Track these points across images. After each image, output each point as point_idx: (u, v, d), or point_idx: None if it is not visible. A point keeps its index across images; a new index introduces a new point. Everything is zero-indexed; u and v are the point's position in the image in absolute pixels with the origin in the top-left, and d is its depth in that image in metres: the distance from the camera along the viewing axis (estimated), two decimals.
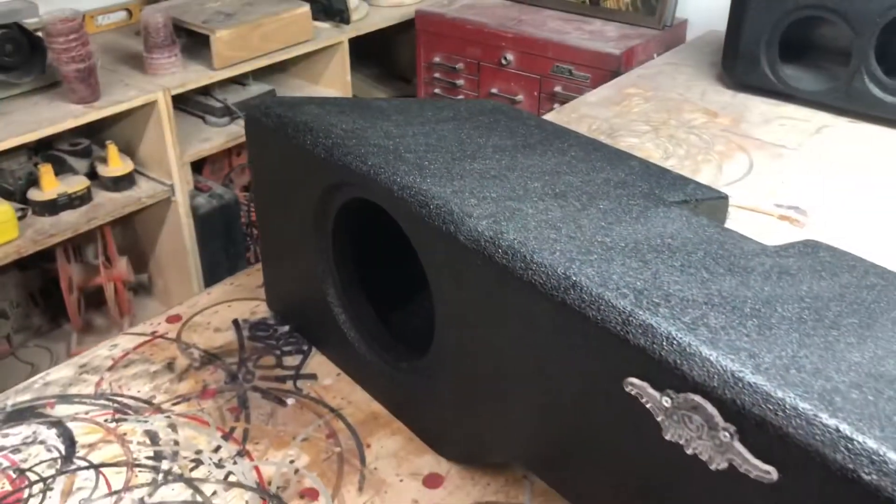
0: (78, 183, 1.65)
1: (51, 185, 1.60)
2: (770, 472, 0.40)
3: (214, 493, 0.64)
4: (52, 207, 1.60)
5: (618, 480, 0.51)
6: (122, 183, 1.70)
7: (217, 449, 0.69)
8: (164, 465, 0.67)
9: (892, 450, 0.37)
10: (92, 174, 1.72)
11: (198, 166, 2.03)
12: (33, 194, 1.60)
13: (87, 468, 0.67)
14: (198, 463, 0.67)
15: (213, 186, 1.87)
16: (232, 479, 0.66)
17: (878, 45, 1.29)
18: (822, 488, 0.38)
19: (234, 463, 0.67)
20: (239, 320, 0.85)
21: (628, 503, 0.51)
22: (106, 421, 0.72)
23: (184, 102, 1.93)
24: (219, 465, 0.67)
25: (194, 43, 1.85)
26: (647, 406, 0.45)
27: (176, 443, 0.69)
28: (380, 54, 2.41)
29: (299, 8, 1.89)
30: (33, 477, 0.66)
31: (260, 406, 0.73)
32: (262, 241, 0.84)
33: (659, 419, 0.44)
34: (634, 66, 1.69)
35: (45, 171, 1.59)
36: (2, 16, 1.40)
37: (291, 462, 0.67)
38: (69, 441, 0.70)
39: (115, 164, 1.70)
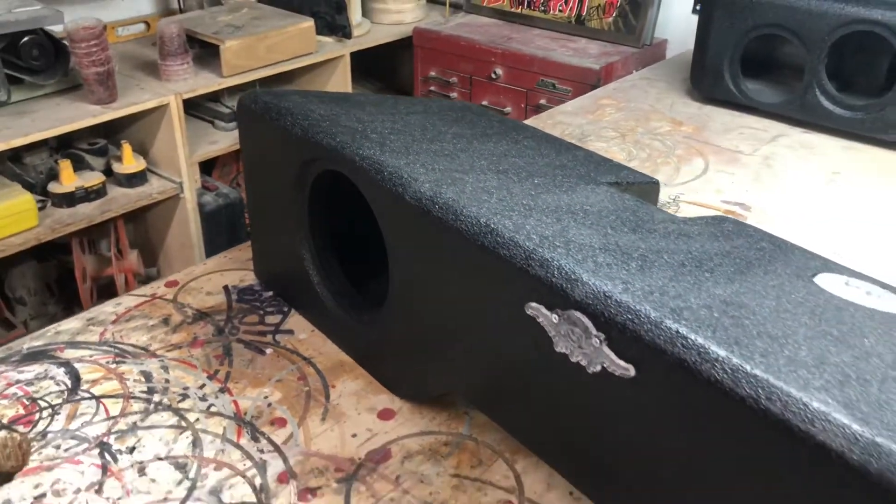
0: (94, 178, 1.75)
1: (69, 180, 1.71)
2: (629, 369, 0.49)
3: (197, 419, 0.74)
4: (69, 200, 1.71)
5: (525, 394, 0.60)
6: (135, 180, 1.81)
7: (202, 386, 0.78)
8: (156, 397, 0.76)
9: (716, 344, 0.46)
10: (107, 171, 1.83)
11: (208, 169, 2.13)
12: (53, 187, 1.71)
13: (89, 399, 0.76)
14: (184, 397, 0.76)
15: (220, 186, 1.97)
16: (213, 409, 0.75)
17: (832, 63, 1.39)
18: (666, 378, 0.47)
19: (216, 397, 0.76)
20: (229, 286, 0.95)
21: (534, 412, 0.60)
22: (107, 363, 0.81)
23: (195, 108, 2.04)
24: (202, 398, 0.76)
25: (205, 53, 1.96)
26: (542, 324, 0.54)
27: (167, 381, 0.79)
28: (380, 68, 2.52)
29: (304, 23, 2.00)
30: (43, 404, 0.75)
31: (242, 354, 0.83)
32: (251, 216, 0.94)
33: (551, 334, 0.54)
34: (613, 81, 1.79)
35: (65, 167, 1.70)
36: (29, 22, 1.51)
37: (265, 398, 0.76)
38: (75, 378, 0.79)
39: (129, 162, 1.81)
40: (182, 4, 2.19)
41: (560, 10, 2.09)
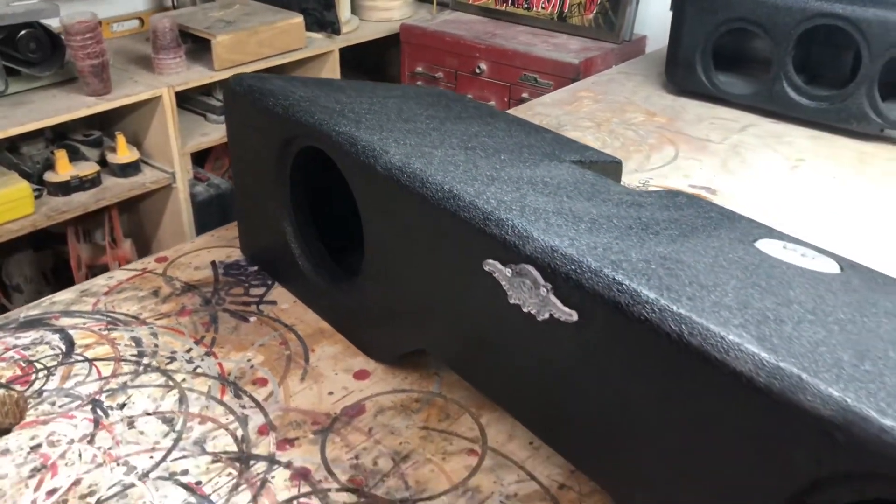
0: (89, 168, 1.79)
1: (65, 169, 1.75)
2: (572, 314, 0.53)
3: (184, 379, 0.78)
4: (65, 188, 1.75)
5: (484, 346, 0.64)
6: (129, 169, 1.85)
7: (189, 350, 0.82)
8: (145, 360, 0.81)
9: (647, 289, 0.50)
10: (102, 162, 1.87)
11: (201, 162, 2.17)
12: (49, 176, 1.75)
13: (82, 361, 0.80)
14: (172, 359, 0.81)
15: (211, 177, 2.01)
16: (199, 371, 0.79)
17: (800, 56, 1.44)
18: (604, 320, 0.52)
19: (202, 360, 0.81)
20: (216, 261, 0.99)
21: (493, 363, 0.64)
22: (100, 330, 0.85)
23: (187, 101, 2.08)
24: (189, 361, 0.80)
25: (198, 47, 2.00)
26: (498, 278, 0.58)
27: (156, 346, 0.83)
28: (369, 63, 2.56)
29: (293, 18, 2.04)
30: (39, 366, 0.79)
31: (227, 322, 0.87)
32: (237, 195, 0.98)
33: (505, 287, 0.58)
34: (592, 75, 1.84)
35: (60, 156, 1.74)
36: (26, 15, 1.55)
37: (248, 360, 0.81)
38: (69, 343, 0.83)
39: (123, 153, 1.85)
40: (175, 1, 2.23)
41: (543, 8, 2.13)
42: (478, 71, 2.06)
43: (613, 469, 0.57)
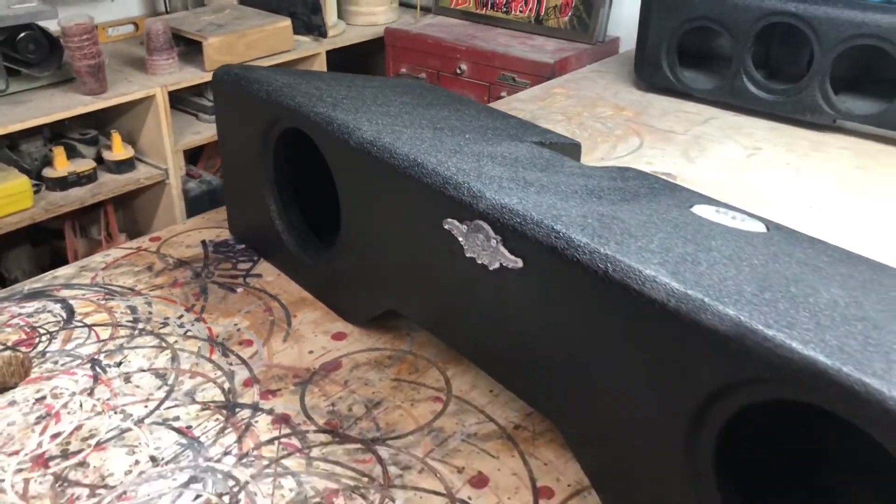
0: (86, 164, 1.85)
1: (62, 165, 1.80)
2: (518, 261, 0.60)
3: (176, 341, 0.84)
4: (62, 184, 1.80)
5: (445, 298, 0.70)
6: (124, 166, 1.91)
7: (180, 317, 0.88)
8: (140, 325, 0.87)
9: (581, 235, 0.57)
10: (98, 159, 1.93)
11: (194, 161, 2.23)
12: (47, 172, 1.81)
13: (82, 327, 0.86)
14: (165, 324, 0.87)
15: (203, 174, 2.07)
16: (189, 334, 0.85)
17: (761, 53, 1.51)
18: (544, 264, 0.58)
19: (192, 325, 0.87)
20: (206, 240, 1.05)
21: (454, 314, 0.70)
22: (98, 300, 0.91)
23: (180, 102, 2.14)
24: (181, 326, 0.86)
25: (190, 50, 2.06)
26: (455, 235, 0.65)
27: (150, 313, 0.89)
28: (354, 65, 2.62)
29: (281, 22, 2.10)
30: (42, 331, 0.85)
31: (216, 293, 0.93)
32: (225, 177, 1.04)
33: (461, 242, 0.64)
34: (567, 74, 1.91)
35: (58, 153, 1.80)
36: (26, 17, 1.61)
37: (235, 325, 0.87)
38: (69, 311, 0.89)
39: (119, 150, 1.91)
40: (168, 6, 2.29)
41: (521, 11, 2.20)
42: (459, 71, 2.13)
43: (560, 401, 0.63)
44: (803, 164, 1.32)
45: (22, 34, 1.67)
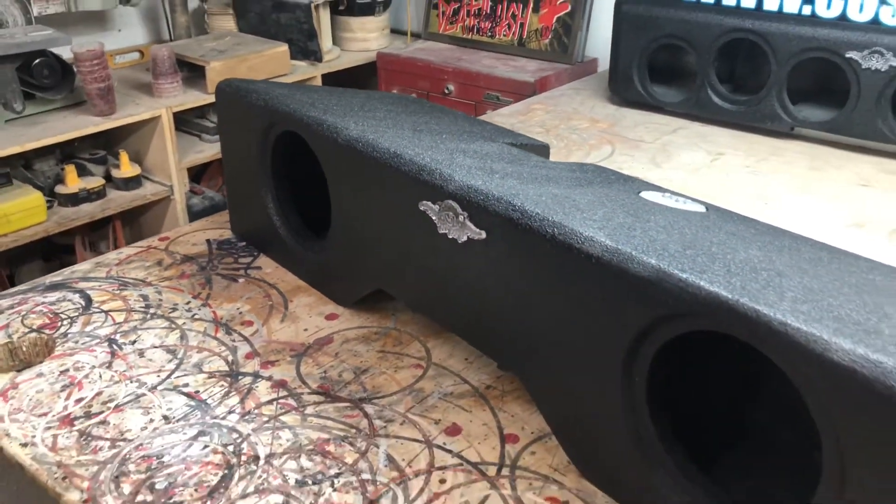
0: (96, 181, 1.94)
1: (74, 182, 1.89)
2: (482, 233, 0.68)
3: (184, 323, 0.92)
4: (74, 199, 1.89)
5: (423, 272, 0.78)
6: (131, 183, 1.99)
7: (188, 303, 0.96)
8: (151, 310, 0.94)
9: (533, 207, 0.65)
10: (107, 177, 2.01)
11: (197, 179, 2.32)
12: (59, 189, 1.89)
13: (99, 312, 0.94)
14: (174, 309, 0.95)
15: (206, 191, 2.15)
16: (196, 317, 0.93)
17: (724, 67, 1.60)
18: (504, 233, 0.66)
19: (199, 310, 0.94)
20: (210, 239, 1.13)
21: (430, 286, 0.78)
22: (113, 290, 0.99)
23: (184, 124, 2.23)
24: (188, 310, 0.94)
25: (193, 75, 2.16)
26: (429, 214, 0.73)
27: (160, 300, 0.97)
28: (349, 87, 2.72)
29: (279, 47, 2.20)
30: (63, 316, 0.93)
31: (220, 283, 1.01)
32: (227, 181, 1.13)
33: (434, 220, 0.73)
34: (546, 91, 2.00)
35: (70, 171, 1.88)
36: (43, 43, 1.70)
37: (238, 309, 0.95)
38: (87, 299, 0.97)
39: (126, 168, 1.99)
40: (172, 34, 2.39)
41: (504, 35, 2.31)
42: (446, 91, 2.22)
43: (523, 357, 0.71)
44: (762, 166, 1.41)
45: (37, 60, 1.76)
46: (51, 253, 2.15)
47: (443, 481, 0.67)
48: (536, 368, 0.69)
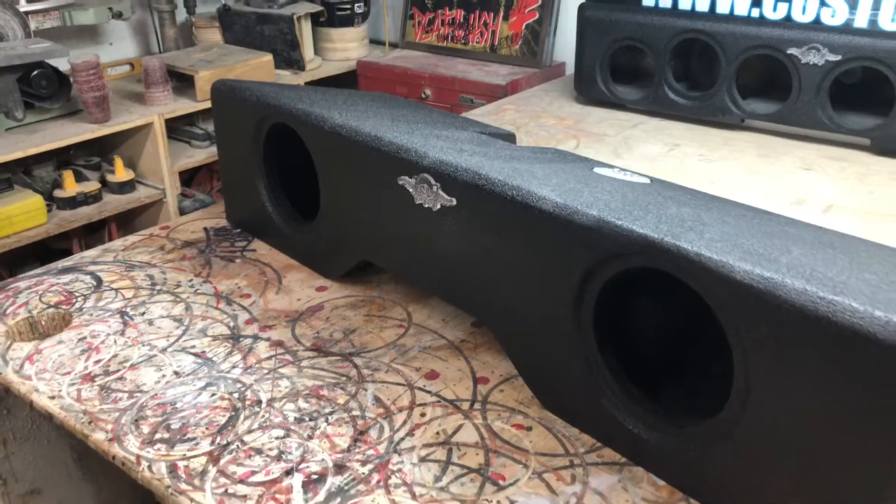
0: (92, 185, 2.01)
1: (71, 187, 1.96)
2: (452, 200, 0.77)
3: (188, 297, 1.00)
4: (71, 203, 1.96)
5: (403, 240, 0.87)
6: (126, 187, 2.07)
7: (191, 281, 1.04)
8: (158, 287, 1.03)
9: (496, 175, 0.74)
10: (102, 182, 2.09)
11: (188, 183, 2.40)
12: (58, 193, 1.97)
13: (109, 290, 1.02)
14: (178, 286, 1.03)
15: (196, 193, 2.23)
16: (199, 292, 1.01)
17: (680, 66, 1.71)
18: (471, 200, 0.76)
19: (201, 286, 1.03)
20: (207, 227, 1.21)
21: (410, 251, 0.87)
22: (121, 271, 1.07)
23: (174, 131, 2.31)
24: (191, 286, 1.03)
25: (183, 85, 2.24)
26: (407, 187, 0.82)
27: (165, 279, 1.05)
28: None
29: (264, 57, 2.29)
30: (77, 295, 1.01)
31: (218, 263, 1.09)
32: (222, 173, 1.21)
33: (412, 192, 0.82)
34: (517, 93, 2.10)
35: (67, 176, 1.96)
36: (43, 54, 1.78)
37: (236, 284, 1.03)
38: (98, 280, 1.05)
39: (121, 173, 2.07)
40: (162, 46, 2.47)
41: (477, 42, 2.41)
42: (424, 96, 2.32)
43: (493, 307, 0.80)
44: (714, 155, 1.51)
45: (35, 72, 1.84)
46: (48, 257, 2.22)
47: (423, 415, 0.76)
48: (503, 316, 0.78)
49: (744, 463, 0.59)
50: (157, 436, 0.74)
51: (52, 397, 0.80)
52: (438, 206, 0.79)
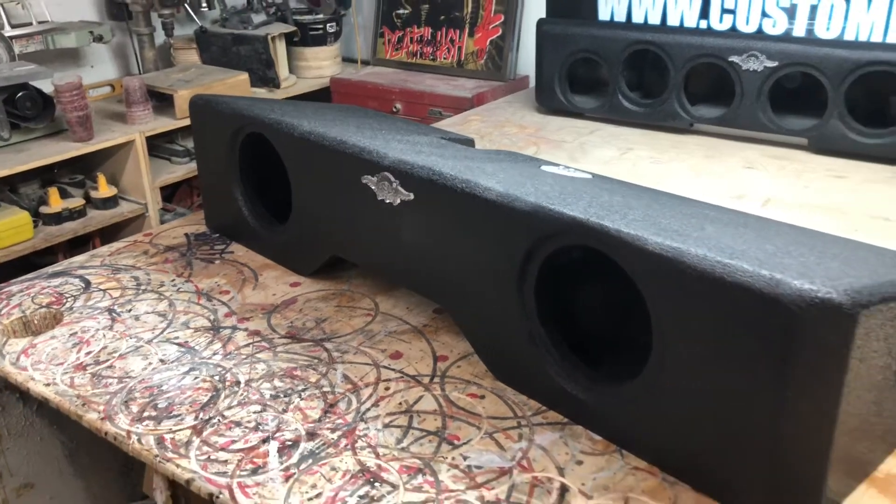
0: (76, 202, 2.07)
1: (56, 203, 2.02)
2: (410, 195, 0.84)
3: (171, 294, 1.06)
4: (57, 219, 2.01)
5: (369, 235, 0.95)
6: (109, 203, 2.13)
7: (173, 281, 1.11)
8: (142, 287, 1.09)
9: (448, 170, 0.81)
10: (86, 199, 2.14)
11: (169, 198, 2.45)
12: (43, 209, 2.02)
13: (97, 291, 1.08)
14: (162, 285, 1.09)
15: (177, 208, 2.29)
16: (181, 290, 1.08)
17: (633, 76, 1.80)
18: (426, 194, 0.83)
19: (183, 284, 1.09)
20: (188, 233, 1.28)
21: (375, 245, 0.95)
22: (108, 274, 1.14)
23: (155, 149, 2.36)
24: (174, 285, 1.09)
25: (163, 104, 2.30)
26: (369, 185, 0.89)
27: (149, 280, 1.11)
28: None
29: (240, 76, 2.36)
30: (67, 296, 1.07)
31: (199, 265, 1.16)
32: (201, 182, 1.28)
33: (374, 190, 0.89)
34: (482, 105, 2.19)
35: (53, 193, 2.01)
36: (27, 76, 1.84)
37: (216, 282, 1.10)
38: (86, 282, 1.11)
39: (104, 190, 2.12)
40: (141, 68, 2.54)
41: (445, 58, 2.49)
42: (395, 110, 2.40)
43: (449, 291, 0.87)
44: (664, 157, 1.60)
45: (20, 93, 1.89)
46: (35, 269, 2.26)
47: (387, 388, 0.83)
48: (459, 299, 0.86)
49: (665, 414, 0.67)
50: (146, 414, 0.81)
51: (48, 384, 0.86)
52: (398, 202, 0.87)
